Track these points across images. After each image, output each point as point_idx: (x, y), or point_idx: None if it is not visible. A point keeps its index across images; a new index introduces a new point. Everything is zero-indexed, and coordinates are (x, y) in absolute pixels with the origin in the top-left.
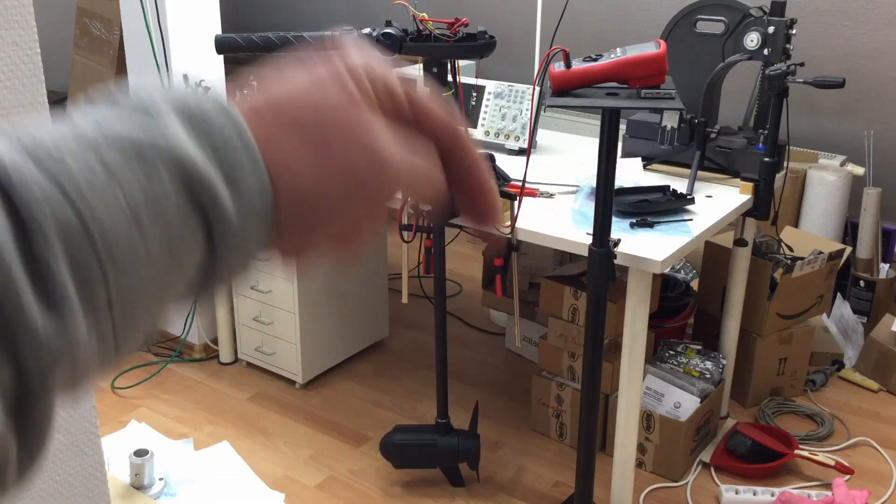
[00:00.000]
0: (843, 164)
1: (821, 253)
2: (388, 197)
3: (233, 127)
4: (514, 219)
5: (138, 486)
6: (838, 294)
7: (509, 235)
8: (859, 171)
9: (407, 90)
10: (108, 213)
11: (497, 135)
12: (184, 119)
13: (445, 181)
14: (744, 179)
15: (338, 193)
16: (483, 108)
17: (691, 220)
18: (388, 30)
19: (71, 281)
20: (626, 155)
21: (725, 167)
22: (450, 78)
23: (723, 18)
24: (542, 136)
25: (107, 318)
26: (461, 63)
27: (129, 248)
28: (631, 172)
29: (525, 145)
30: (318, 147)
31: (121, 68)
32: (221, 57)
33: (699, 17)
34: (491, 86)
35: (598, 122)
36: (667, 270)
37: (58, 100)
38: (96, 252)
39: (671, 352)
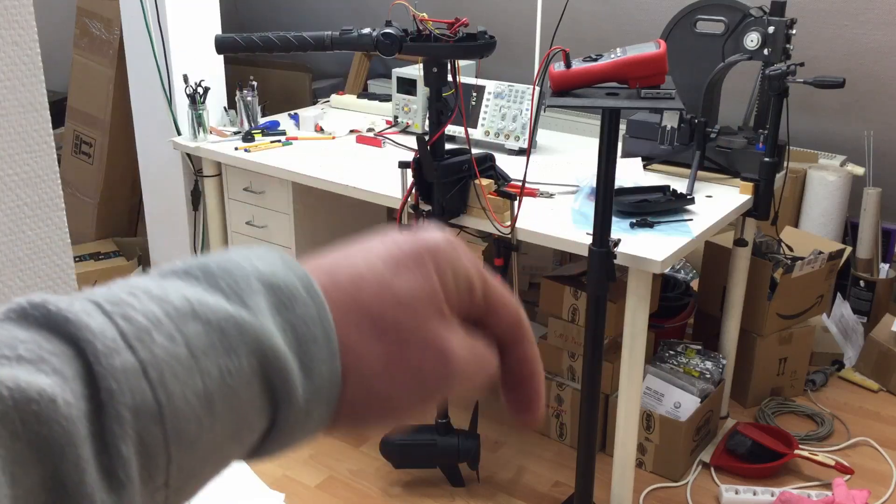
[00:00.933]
0: (843, 164)
1: (821, 253)
2: (446, 395)
3: (318, 317)
4: (514, 219)
5: None
6: (838, 294)
7: (509, 236)
8: (859, 171)
9: (484, 282)
10: (185, 400)
11: (497, 135)
12: (272, 303)
13: (500, 372)
14: (744, 179)
15: (400, 390)
16: (483, 108)
17: (691, 220)
18: (388, 30)
19: (136, 464)
20: (626, 155)
21: (725, 167)
22: (450, 78)
23: (723, 18)
24: (542, 136)
25: (161, 494)
26: (461, 63)
27: (196, 433)
28: (631, 172)
29: (525, 145)
30: (392, 346)
31: (121, 68)
32: (221, 57)
33: (699, 17)
34: (491, 86)
35: (598, 122)
36: (667, 270)
37: (58, 100)
38: (165, 437)
39: (671, 352)
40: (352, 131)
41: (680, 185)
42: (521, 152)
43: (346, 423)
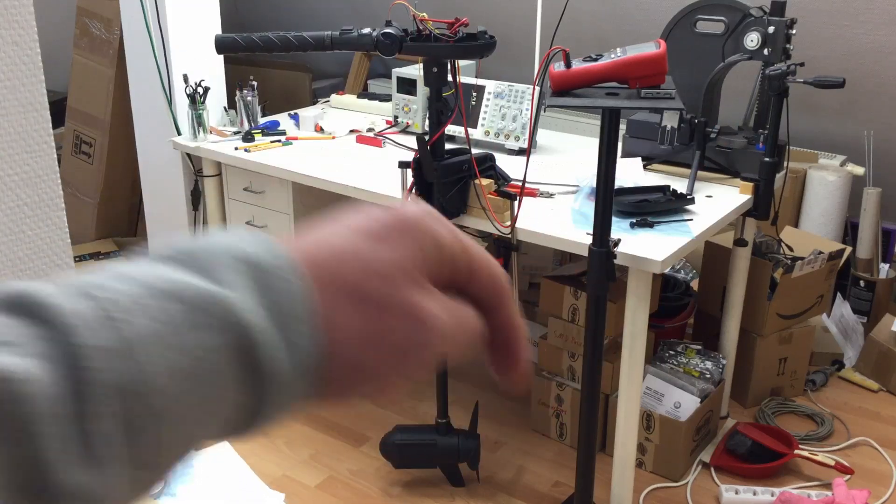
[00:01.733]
0: (843, 164)
1: (821, 253)
2: (429, 362)
3: (298, 293)
4: (514, 219)
5: None
6: (838, 294)
7: (509, 236)
8: (859, 171)
9: (464, 250)
10: (161, 375)
11: (497, 135)
12: (252, 280)
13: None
14: (744, 179)
15: (383, 360)
16: (483, 108)
17: (691, 220)
18: (388, 30)
19: (114, 441)
20: (626, 155)
21: (725, 167)
22: (450, 78)
23: (723, 18)
24: (542, 136)
25: (144, 469)
26: (461, 63)
27: (175, 409)
28: (631, 172)
29: (525, 145)
30: (371, 315)
31: (121, 68)
32: (221, 57)
33: (699, 17)
34: (491, 86)
35: (598, 122)
36: (667, 270)
37: (58, 100)
38: (143, 412)
39: (671, 352)
40: (352, 131)
41: (680, 185)
42: (521, 152)
43: (333, 394)
